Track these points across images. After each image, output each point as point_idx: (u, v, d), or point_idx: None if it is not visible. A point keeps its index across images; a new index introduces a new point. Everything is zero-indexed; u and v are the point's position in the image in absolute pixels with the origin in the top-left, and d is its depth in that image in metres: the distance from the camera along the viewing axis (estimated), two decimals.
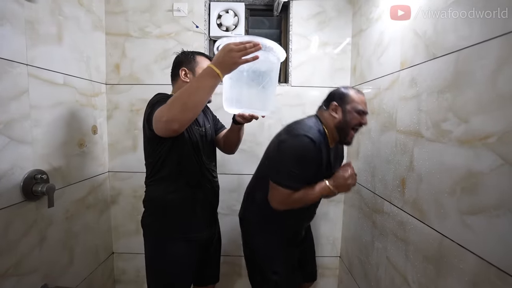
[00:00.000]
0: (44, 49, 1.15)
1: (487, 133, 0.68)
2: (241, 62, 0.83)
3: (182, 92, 0.86)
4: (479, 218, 0.71)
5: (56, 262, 1.24)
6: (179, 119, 0.87)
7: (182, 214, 1.10)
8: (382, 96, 1.25)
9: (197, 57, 1.16)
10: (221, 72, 0.84)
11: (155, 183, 1.10)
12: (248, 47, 0.81)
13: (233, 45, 0.82)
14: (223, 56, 0.83)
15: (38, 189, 1.08)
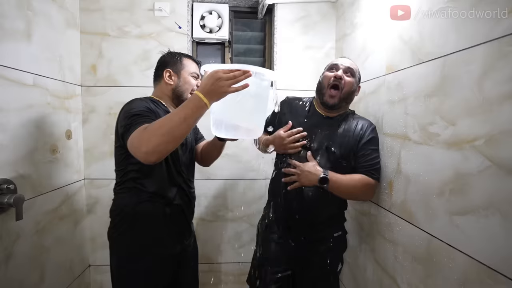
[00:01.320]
0: (10, 46, 1.05)
1: (474, 135, 0.70)
2: (231, 91, 0.79)
3: (165, 122, 0.80)
4: (468, 218, 0.73)
5: (25, 281, 1.12)
6: (159, 152, 0.80)
7: (153, 227, 1.01)
8: (367, 100, 1.27)
9: (184, 59, 1.10)
10: (209, 101, 0.80)
11: (125, 191, 1.01)
12: (238, 75, 0.79)
13: (222, 72, 0.79)
14: (212, 84, 0.79)
15: (4, 201, 0.97)
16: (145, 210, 0.99)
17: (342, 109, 1.15)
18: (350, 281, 1.42)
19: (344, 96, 1.08)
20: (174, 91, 1.08)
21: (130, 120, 0.89)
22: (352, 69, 1.09)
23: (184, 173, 1.08)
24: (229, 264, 1.71)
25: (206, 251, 1.68)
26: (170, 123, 0.79)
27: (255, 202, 1.69)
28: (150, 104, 0.99)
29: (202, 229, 1.67)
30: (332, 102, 1.08)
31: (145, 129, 0.82)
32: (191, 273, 1.21)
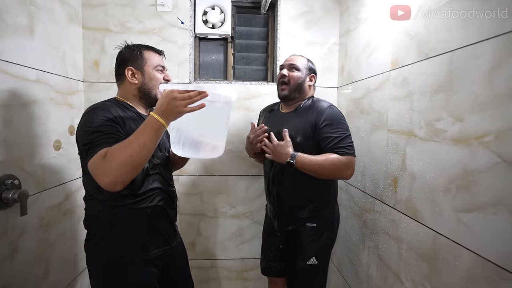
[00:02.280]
0: (13, 42, 1.04)
1: (483, 131, 0.69)
2: (187, 111, 0.79)
3: (124, 150, 0.77)
4: (475, 216, 0.72)
5: (30, 275, 1.13)
6: (123, 182, 0.79)
7: (133, 230, 0.93)
8: (372, 96, 1.26)
9: (144, 52, 1.00)
10: (166, 121, 0.80)
11: (96, 196, 0.92)
12: (193, 96, 0.78)
13: (176, 93, 0.78)
14: (167, 104, 0.78)
15: (8, 196, 0.97)
16: (122, 213, 0.92)
17: (297, 100, 1.25)
18: (353, 277, 1.42)
19: (293, 88, 1.22)
20: (140, 90, 1.00)
21: (90, 138, 0.83)
22: (295, 65, 1.23)
23: (161, 172, 1.02)
24: (232, 260, 1.71)
25: (209, 247, 1.69)
26: (130, 151, 0.77)
27: (257, 199, 1.68)
28: (115, 109, 0.92)
29: (204, 225, 1.67)
30: (283, 93, 1.24)
31: (104, 157, 0.79)
32: (181, 274, 1.15)
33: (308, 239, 1.20)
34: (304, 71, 1.24)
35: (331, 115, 1.16)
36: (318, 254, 1.21)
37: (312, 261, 1.20)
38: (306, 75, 1.24)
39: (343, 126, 1.15)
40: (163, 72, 1.04)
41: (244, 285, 1.74)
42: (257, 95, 1.64)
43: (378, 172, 1.19)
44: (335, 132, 1.13)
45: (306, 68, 1.25)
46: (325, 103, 1.21)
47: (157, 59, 1.03)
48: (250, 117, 1.62)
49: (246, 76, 1.76)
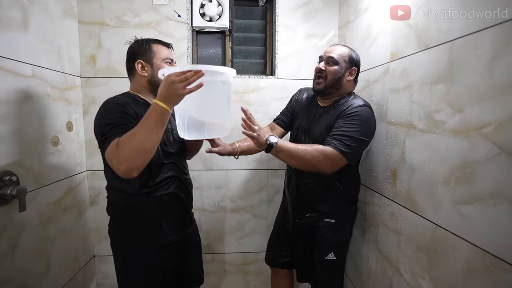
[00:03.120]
0: (7, 36, 1.03)
1: (483, 122, 0.68)
2: (186, 92, 0.80)
3: (134, 137, 0.82)
4: (474, 207, 0.71)
5: (32, 270, 1.14)
6: (137, 168, 0.84)
7: (149, 217, 1.01)
8: (371, 88, 1.24)
9: (153, 46, 1.04)
10: (169, 106, 0.82)
11: (116, 186, 1.01)
12: (190, 76, 0.79)
13: (174, 76, 0.79)
14: (167, 88, 0.80)
15: (7, 192, 0.97)
16: (139, 201, 1.00)
17: (334, 95, 1.17)
18: (352, 270, 1.42)
19: (330, 83, 1.13)
20: (150, 82, 1.03)
21: (105, 130, 0.89)
22: (333, 58, 1.12)
23: (176, 160, 1.07)
24: (232, 254, 1.72)
25: (209, 241, 1.69)
26: (139, 137, 0.82)
27: (257, 193, 1.68)
28: (128, 105, 0.95)
29: (204, 219, 1.68)
30: (318, 87, 1.16)
31: (117, 146, 0.83)
32: (194, 262, 1.22)
33: (326, 235, 1.18)
34: (343, 65, 1.12)
35: (360, 112, 1.04)
36: (337, 249, 1.20)
37: (331, 256, 1.18)
38: (346, 69, 1.13)
39: (362, 127, 1.03)
40: (171, 64, 1.06)
41: (245, 278, 1.75)
42: (255, 88, 1.62)
43: (377, 164, 1.18)
44: (348, 126, 1.03)
45: (346, 61, 1.12)
46: (361, 101, 1.09)
47: (166, 52, 1.06)
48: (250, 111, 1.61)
49: (244, 70, 1.74)
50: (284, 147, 1.03)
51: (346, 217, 1.23)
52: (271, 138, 1.02)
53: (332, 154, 1.01)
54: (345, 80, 1.14)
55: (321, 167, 1.04)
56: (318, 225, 1.19)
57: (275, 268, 1.43)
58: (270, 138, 1.02)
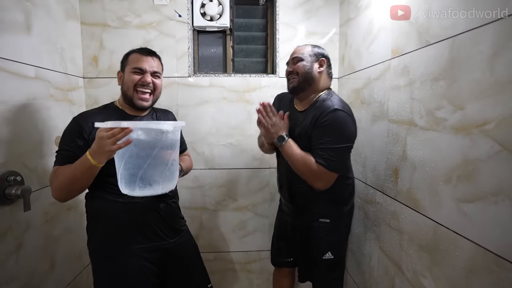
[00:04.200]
0: (10, 39, 1.05)
1: (484, 119, 0.67)
2: (115, 149, 0.80)
3: (62, 177, 0.90)
4: (476, 206, 0.70)
5: (37, 269, 1.16)
6: (64, 200, 0.95)
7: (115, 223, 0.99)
8: (372, 86, 1.23)
9: (131, 55, 1.04)
10: (98, 161, 0.84)
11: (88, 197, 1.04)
12: (117, 133, 0.79)
13: (103, 131, 0.80)
14: (96, 143, 0.82)
15: (11, 192, 0.99)
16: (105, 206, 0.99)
17: (309, 92, 1.15)
18: (355, 268, 1.42)
19: (302, 78, 1.12)
20: (121, 91, 1.05)
21: (58, 147, 0.98)
22: (297, 56, 1.14)
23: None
24: (235, 253, 1.72)
25: (211, 240, 1.70)
26: (64, 181, 0.90)
27: (259, 192, 1.68)
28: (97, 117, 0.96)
29: (206, 218, 1.69)
30: (292, 85, 1.16)
31: (54, 173, 0.93)
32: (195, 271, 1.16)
33: (322, 234, 1.17)
34: (308, 58, 1.13)
35: (331, 119, 1.03)
36: (334, 248, 1.19)
37: (328, 255, 1.18)
38: (313, 61, 1.13)
39: (338, 135, 1.02)
40: (141, 74, 1.02)
41: (248, 277, 1.75)
42: (256, 87, 1.62)
43: (379, 163, 1.18)
44: (324, 137, 1.03)
45: (311, 54, 1.14)
46: (332, 103, 1.06)
47: (137, 61, 1.03)
48: (250, 110, 1.62)
49: (245, 69, 1.74)
50: (285, 151, 1.08)
51: (341, 217, 1.21)
52: (279, 138, 1.08)
53: (318, 170, 1.02)
54: (316, 72, 1.13)
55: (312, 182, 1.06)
56: (313, 225, 1.18)
57: (280, 268, 1.42)
58: (278, 139, 1.08)
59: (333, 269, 1.21)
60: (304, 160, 1.04)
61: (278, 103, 1.31)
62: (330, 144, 1.01)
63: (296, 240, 1.28)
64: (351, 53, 1.46)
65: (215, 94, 1.61)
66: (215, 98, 1.61)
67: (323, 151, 1.02)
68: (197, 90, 1.60)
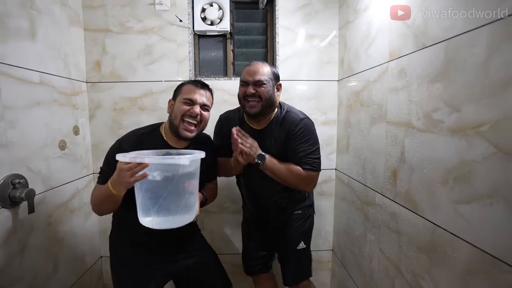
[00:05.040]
0: (15, 45, 1.07)
1: (479, 121, 0.68)
2: (133, 181, 0.84)
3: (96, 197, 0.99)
4: (472, 207, 0.71)
5: (40, 271, 1.18)
6: (99, 213, 1.03)
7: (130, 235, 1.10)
8: (371, 88, 1.24)
9: (185, 86, 1.09)
10: (118, 190, 0.88)
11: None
12: (133, 167, 0.82)
13: (123, 164, 0.84)
14: (117, 175, 0.86)
15: (16, 195, 1.01)
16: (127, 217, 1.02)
17: (267, 114, 1.18)
18: (355, 270, 1.42)
19: (266, 104, 1.13)
20: (169, 119, 1.08)
21: (102, 166, 1.05)
22: (261, 80, 1.11)
23: None
24: (235, 255, 1.73)
25: (213, 242, 1.69)
26: (95, 201, 1.00)
27: None
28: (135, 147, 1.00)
29: (207, 220, 1.70)
30: (254, 111, 1.13)
31: (94, 190, 1.02)
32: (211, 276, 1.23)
33: (296, 225, 1.29)
34: (270, 83, 1.12)
35: (303, 127, 1.13)
36: (305, 238, 1.31)
37: (301, 245, 1.29)
38: (273, 85, 1.14)
39: (312, 139, 1.15)
40: (190, 105, 1.04)
41: (249, 279, 1.75)
42: None
43: (378, 165, 1.18)
44: (303, 145, 1.12)
45: (272, 78, 1.14)
46: (296, 115, 1.16)
47: (188, 92, 1.05)
48: None
49: None
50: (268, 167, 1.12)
51: (308, 208, 1.34)
52: (259, 157, 1.11)
53: (307, 176, 1.13)
54: (276, 97, 1.17)
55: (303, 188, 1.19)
56: (288, 218, 1.29)
57: (256, 275, 1.43)
58: (258, 157, 1.11)
59: (304, 257, 1.32)
60: (290, 170, 1.12)
61: (227, 124, 1.26)
62: (310, 149, 1.13)
63: (269, 234, 1.35)
64: (350, 55, 1.46)
65: (216, 97, 1.62)
66: (216, 101, 1.61)
67: (306, 157, 1.12)
68: None
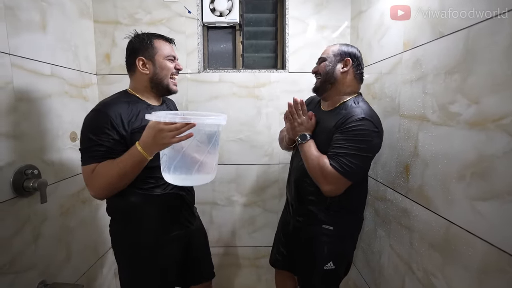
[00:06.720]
0: (27, 38, 1.08)
1: (500, 114, 0.64)
2: (175, 141, 0.79)
3: (107, 174, 0.86)
4: (490, 204, 0.67)
5: (53, 258, 1.21)
6: (105, 197, 0.92)
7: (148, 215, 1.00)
8: (383, 80, 1.20)
9: (154, 41, 1.00)
10: (149, 154, 0.83)
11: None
12: (180, 127, 0.78)
13: (163, 124, 0.78)
14: (153, 136, 0.80)
15: (29, 185, 1.04)
16: (138, 199, 0.98)
17: (333, 93, 1.10)
18: (364, 266, 1.40)
19: (323, 78, 1.10)
20: (151, 80, 1.01)
21: (85, 144, 0.90)
22: (322, 57, 1.12)
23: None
24: (245, 248, 1.74)
25: (221, 235, 1.72)
26: (110, 178, 0.86)
27: (269, 188, 1.68)
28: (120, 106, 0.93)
29: (216, 213, 1.70)
30: (314, 86, 1.15)
31: (92, 173, 0.88)
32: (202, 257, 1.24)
33: (326, 240, 1.10)
34: (332, 58, 1.08)
35: (357, 127, 0.96)
36: (336, 259, 1.11)
37: (329, 266, 1.11)
38: (336, 62, 1.08)
39: (359, 144, 0.95)
40: (173, 61, 1.03)
41: (257, 272, 1.77)
42: (266, 83, 1.61)
43: (390, 159, 1.15)
44: (345, 142, 0.97)
45: (335, 54, 1.09)
46: (361, 111, 0.99)
47: (168, 49, 1.02)
48: (259, 106, 1.61)
49: (255, 64, 1.73)
50: (303, 148, 1.06)
51: (346, 227, 1.13)
52: (302, 136, 1.07)
53: (331, 173, 0.96)
54: (338, 72, 1.07)
55: (320, 183, 1.00)
56: (315, 230, 1.12)
57: (278, 269, 1.39)
58: (301, 136, 1.07)
59: (330, 280, 1.14)
60: (318, 161, 1.00)
61: (309, 104, 1.28)
62: (349, 150, 0.96)
63: (297, 244, 1.20)
64: (363, 46, 1.42)
65: (225, 89, 1.62)
66: (225, 94, 1.62)
67: (340, 156, 0.96)
68: (206, 85, 1.61)
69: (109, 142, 0.89)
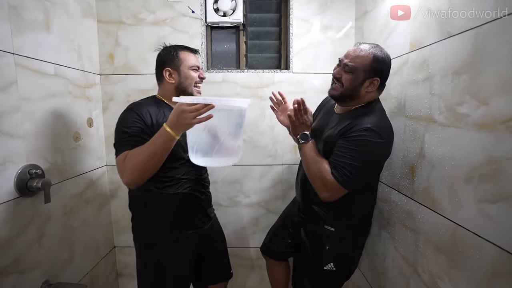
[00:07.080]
0: (31, 37, 1.08)
1: (510, 115, 0.63)
2: (195, 122, 0.84)
3: (138, 157, 0.92)
4: (499, 207, 0.66)
5: (57, 258, 1.21)
6: (137, 183, 0.96)
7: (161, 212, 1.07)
8: (389, 81, 1.17)
9: (180, 53, 1.09)
10: (177, 133, 0.88)
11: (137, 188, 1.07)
12: (200, 108, 0.83)
13: (185, 105, 0.84)
14: (177, 117, 0.85)
15: (33, 185, 1.03)
16: (153, 196, 1.05)
17: (351, 104, 1.06)
18: (369, 269, 1.39)
19: (346, 92, 1.01)
20: (177, 88, 1.09)
21: (119, 137, 0.99)
22: (349, 65, 0.98)
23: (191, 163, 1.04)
24: (247, 248, 1.73)
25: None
26: (141, 158, 0.92)
27: (272, 188, 1.68)
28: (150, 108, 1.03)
29: (219, 214, 1.68)
30: (332, 93, 1.07)
31: (124, 160, 0.94)
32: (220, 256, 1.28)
33: (327, 241, 1.10)
34: (360, 74, 0.97)
35: (361, 136, 0.94)
36: (337, 260, 1.10)
37: (330, 266, 1.09)
38: (364, 79, 0.98)
39: (361, 155, 0.93)
40: (198, 71, 1.12)
41: (260, 273, 1.76)
42: (269, 83, 1.61)
43: (395, 160, 1.14)
44: (348, 152, 0.95)
45: (366, 69, 0.97)
46: (368, 121, 0.95)
47: (192, 59, 1.11)
48: (263, 106, 1.60)
49: (259, 64, 1.72)
50: (303, 150, 1.04)
51: (349, 231, 1.11)
52: (303, 136, 1.04)
53: (330, 180, 0.96)
54: (363, 92, 1.00)
55: (317, 188, 1.01)
56: (317, 230, 1.12)
57: (269, 258, 1.41)
58: (302, 136, 1.04)
59: (330, 281, 1.13)
60: (319, 166, 0.98)
61: (326, 102, 1.29)
62: (350, 160, 0.94)
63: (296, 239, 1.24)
64: None
65: (228, 90, 1.61)
66: (228, 94, 1.61)
67: (342, 164, 0.95)
68: (210, 86, 1.60)
69: (139, 132, 0.97)
